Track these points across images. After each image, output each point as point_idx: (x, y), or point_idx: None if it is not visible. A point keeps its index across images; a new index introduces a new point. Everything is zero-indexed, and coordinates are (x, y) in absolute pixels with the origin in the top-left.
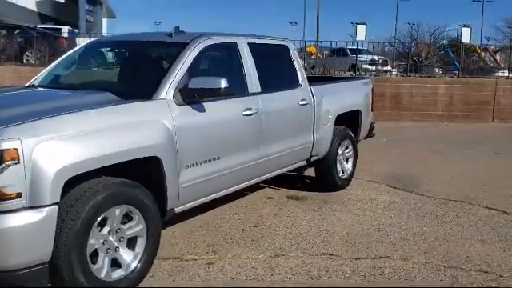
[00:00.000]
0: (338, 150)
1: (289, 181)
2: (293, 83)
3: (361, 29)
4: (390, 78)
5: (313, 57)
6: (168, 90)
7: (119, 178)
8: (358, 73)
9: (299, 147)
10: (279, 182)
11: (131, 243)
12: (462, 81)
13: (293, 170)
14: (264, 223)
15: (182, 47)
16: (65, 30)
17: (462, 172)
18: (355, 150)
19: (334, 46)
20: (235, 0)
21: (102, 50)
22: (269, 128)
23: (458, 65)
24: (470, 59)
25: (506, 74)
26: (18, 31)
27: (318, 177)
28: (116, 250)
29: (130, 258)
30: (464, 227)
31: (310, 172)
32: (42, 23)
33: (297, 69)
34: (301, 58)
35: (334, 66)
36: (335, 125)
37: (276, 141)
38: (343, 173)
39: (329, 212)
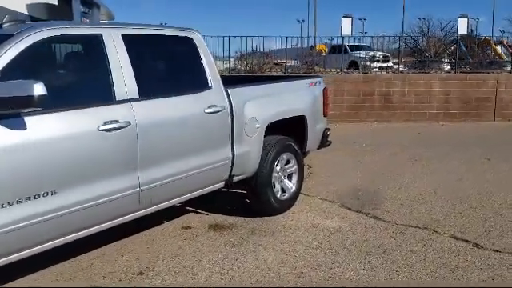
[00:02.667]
0: (273, 165)
1: (224, 201)
2: (198, 85)
3: (346, 22)
4: (379, 75)
5: (323, 54)
6: None
7: None
8: (345, 69)
9: (209, 167)
10: (211, 203)
11: None
12: (458, 76)
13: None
14: (155, 268)
15: (1, 41)
16: None
17: (439, 185)
18: (300, 163)
19: (334, 42)
20: (244, 1)
21: None
22: (150, 146)
23: (470, 59)
24: (484, 53)
25: None
26: None
27: (250, 199)
28: None
29: None
30: (415, 269)
31: None
32: None
33: (205, 67)
34: (309, 55)
35: (333, 63)
36: (269, 134)
37: (166, 162)
38: (284, 192)
39: (250, 247)
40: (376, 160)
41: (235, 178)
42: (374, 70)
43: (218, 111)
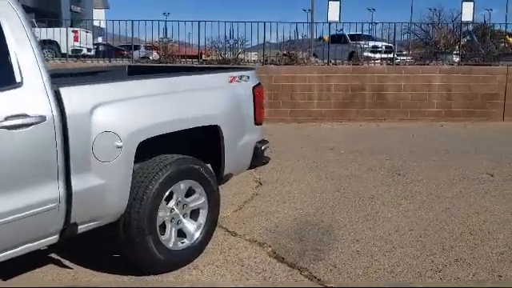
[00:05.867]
0: (159, 201)
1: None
2: None
3: (333, 6)
4: (371, 68)
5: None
6: None
7: None
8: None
9: (10, 218)
10: (94, 245)
11: None
12: (463, 69)
13: None
14: None
15: None
16: None
17: (419, 217)
18: (212, 194)
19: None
20: None
21: None
22: None
23: (483, 51)
24: (498, 45)
25: None
26: None
27: (123, 250)
28: None
29: None
30: None
31: None
32: None
33: (11, 51)
34: (290, 45)
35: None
36: (155, 154)
37: None
38: (182, 238)
39: None
40: (348, 174)
41: (81, 227)
42: (377, 61)
43: (31, 124)
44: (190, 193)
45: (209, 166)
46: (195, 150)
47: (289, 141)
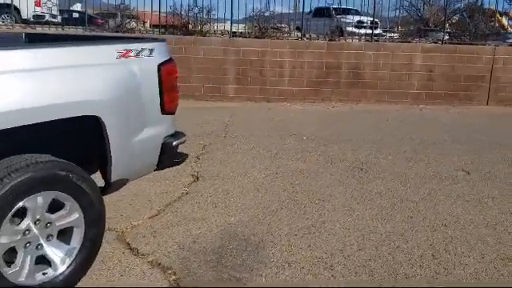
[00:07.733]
0: (0, 222)
1: None
2: None
3: None
4: (348, 44)
5: None
6: None
7: None
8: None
9: None
10: None
11: None
12: (447, 48)
13: None
14: None
15: None
16: None
17: (374, 229)
18: (90, 208)
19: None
20: None
21: None
22: None
23: (473, 30)
24: (488, 24)
25: None
26: None
27: None
28: None
29: None
30: None
31: None
32: None
33: None
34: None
35: (316, 28)
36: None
37: None
38: (47, 267)
39: None
40: (303, 169)
41: None
42: (356, 38)
43: None
44: (57, 206)
45: (96, 170)
46: (75, 149)
47: (250, 123)
